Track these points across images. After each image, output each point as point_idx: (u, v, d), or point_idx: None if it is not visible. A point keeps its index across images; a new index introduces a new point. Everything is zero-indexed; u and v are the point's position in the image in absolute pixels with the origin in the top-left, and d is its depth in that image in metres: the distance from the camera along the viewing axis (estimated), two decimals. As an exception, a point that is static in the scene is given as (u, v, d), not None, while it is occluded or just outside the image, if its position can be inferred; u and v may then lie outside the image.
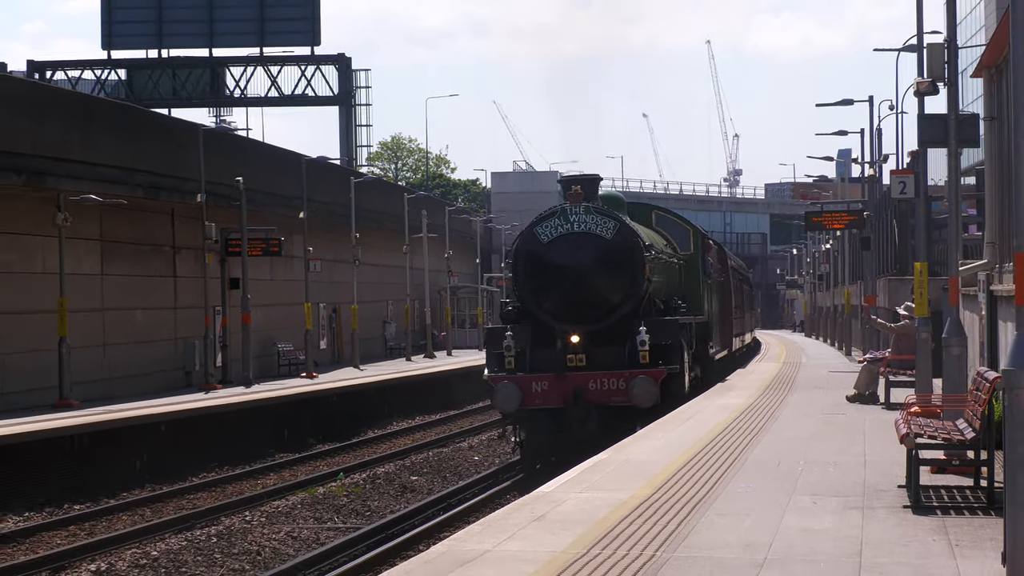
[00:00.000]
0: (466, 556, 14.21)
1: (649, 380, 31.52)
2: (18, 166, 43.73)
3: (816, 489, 19.12)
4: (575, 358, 32.35)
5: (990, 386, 16.79)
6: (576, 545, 14.64)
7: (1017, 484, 10.80)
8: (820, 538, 15.12)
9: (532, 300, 34.02)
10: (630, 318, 33.46)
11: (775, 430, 28.13)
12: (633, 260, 33.61)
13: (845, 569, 13.30)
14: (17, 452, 32.71)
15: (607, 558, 13.87)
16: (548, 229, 32.86)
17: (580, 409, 31.84)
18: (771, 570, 13.25)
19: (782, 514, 16.86)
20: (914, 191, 40.05)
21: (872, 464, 21.68)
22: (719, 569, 13.35)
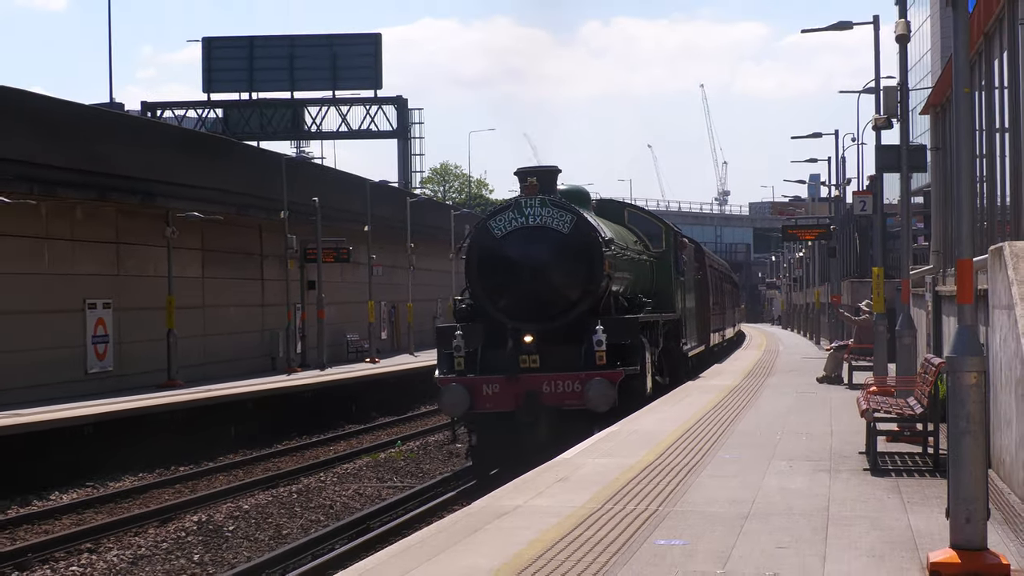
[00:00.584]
0: (502, 510, 14.22)
1: (605, 383, 25.40)
2: (135, 188, 44.03)
3: (791, 455, 19.08)
4: (528, 359, 26.24)
5: (936, 370, 16.76)
6: (592, 501, 14.64)
7: (958, 451, 10.76)
8: (794, 495, 15.10)
9: (485, 297, 27.49)
10: (588, 316, 27.06)
11: (757, 407, 28.06)
12: (591, 255, 27.20)
13: (815, 521, 13.30)
14: (136, 423, 32.85)
15: (618, 512, 13.87)
16: (502, 223, 26.78)
17: (531, 413, 25.76)
18: (754, 522, 13.25)
19: (763, 476, 16.83)
20: (872, 208, 40.11)
21: (838, 434, 21.62)
22: (711, 521, 13.34)
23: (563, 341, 26.66)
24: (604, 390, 25.00)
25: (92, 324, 43.01)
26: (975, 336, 11.17)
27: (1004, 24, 19.92)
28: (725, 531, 12.73)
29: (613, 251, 28.61)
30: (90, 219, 43.16)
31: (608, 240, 27.70)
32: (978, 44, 21.78)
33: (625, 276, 31.14)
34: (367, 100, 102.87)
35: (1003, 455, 15.50)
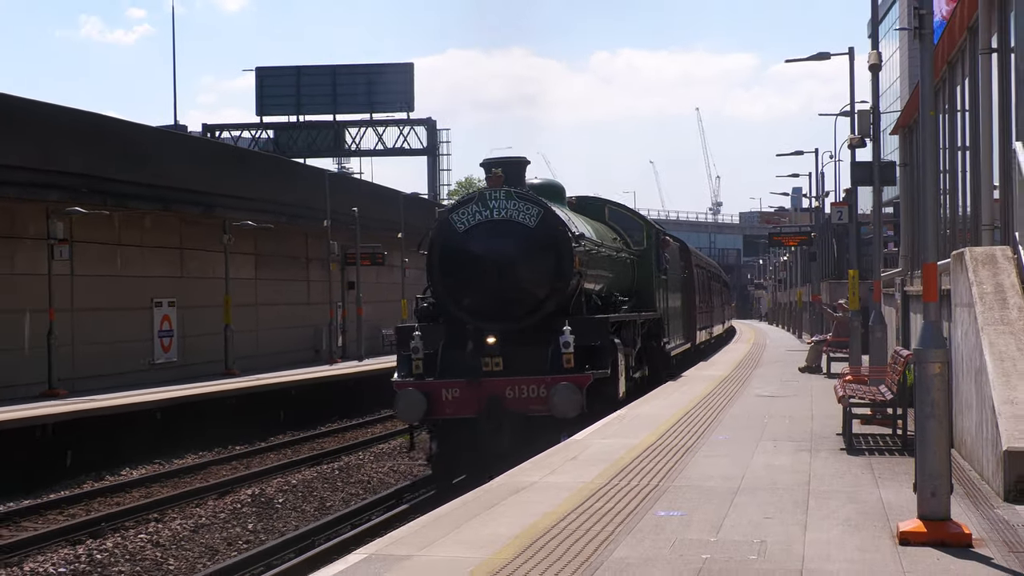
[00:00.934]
0: (520, 485, 14.19)
1: (572, 388, 21.34)
2: (197, 200, 44.43)
3: (776, 436, 19.02)
4: (491, 361, 22.32)
5: (904, 360, 16.74)
6: (600, 477, 14.61)
7: (924, 433, 10.74)
8: (779, 472, 15.06)
9: (447, 296, 23.30)
10: (556, 316, 22.74)
11: (746, 393, 27.96)
12: (559, 251, 22.85)
13: (797, 495, 13.27)
14: (197, 407, 32.92)
15: (623, 487, 13.85)
16: (465, 216, 22.65)
17: (493, 420, 21.82)
18: (743, 496, 13.22)
19: (751, 455, 16.78)
20: (848, 218, 40.00)
21: (817, 418, 21.56)
22: (706, 495, 13.31)
23: (530, 342, 22.36)
24: (570, 395, 20.89)
25: (158, 320, 43.68)
26: (939, 331, 11.16)
27: (966, 54, 19.88)
28: (718, 504, 12.72)
29: (584, 247, 24.34)
30: (157, 227, 43.47)
31: (578, 235, 23.48)
32: (942, 72, 21.74)
33: (601, 274, 26.97)
34: (400, 122, 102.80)
35: (964, 436, 15.47)
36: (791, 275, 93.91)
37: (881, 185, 32.15)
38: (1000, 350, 13.81)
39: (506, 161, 24.70)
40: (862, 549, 10.39)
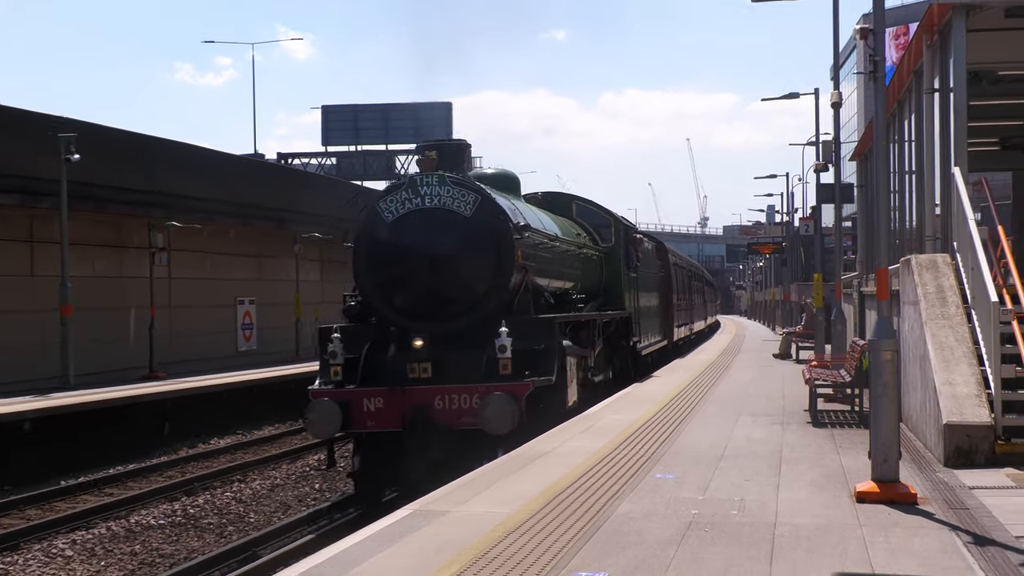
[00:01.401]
0: (541, 451, 14.19)
1: (505, 398, 16.13)
2: (271, 215, 44.62)
3: (754, 412, 19.01)
4: (418, 367, 17.18)
5: (860, 349, 16.71)
6: (608, 445, 14.61)
7: (877, 409, 10.73)
8: (757, 441, 15.06)
9: (375, 293, 18.17)
10: (497, 316, 17.38)
11: (729, 377, 27.94)
12: (499, 242, 17.76)
13: (772, 460, 13.29)
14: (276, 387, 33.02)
15: (627, 453, 13.86)
16: (394, 205, 17.76)
17: (419, 434, 16.64)
18: (726, 461, 13.22)
19: (733, 427, 16.77)
20: (813, 230, 39.91)
21: (788, 397, 21.53)
22: (695, 458, 13.32)
23: (465, 346, 17.04)
24: (502, 407, 15.59)
25: (241, 315, 44.27)
26: (890, 324, 11.15)
27: (912, 94, 19.83)
28: (705, 468, 12.71)
29: (532, 239, 19.15)
30: (239, 238, 43.82)
31: (522, 226, 18.28)
32: (892, 108, 21.68)
33: (560, 270, 21.72)
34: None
35: (911, 412, 15.44)
36: (766, 278, 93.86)
37: (841, 203, 32.28)
38: (941, 340, 13.81)
39: (444, 144, 19.69)
40: (825, 506, 10.40)
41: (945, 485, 11.41)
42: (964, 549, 8.63)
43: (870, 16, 11.99)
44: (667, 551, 8.60)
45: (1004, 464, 12.30)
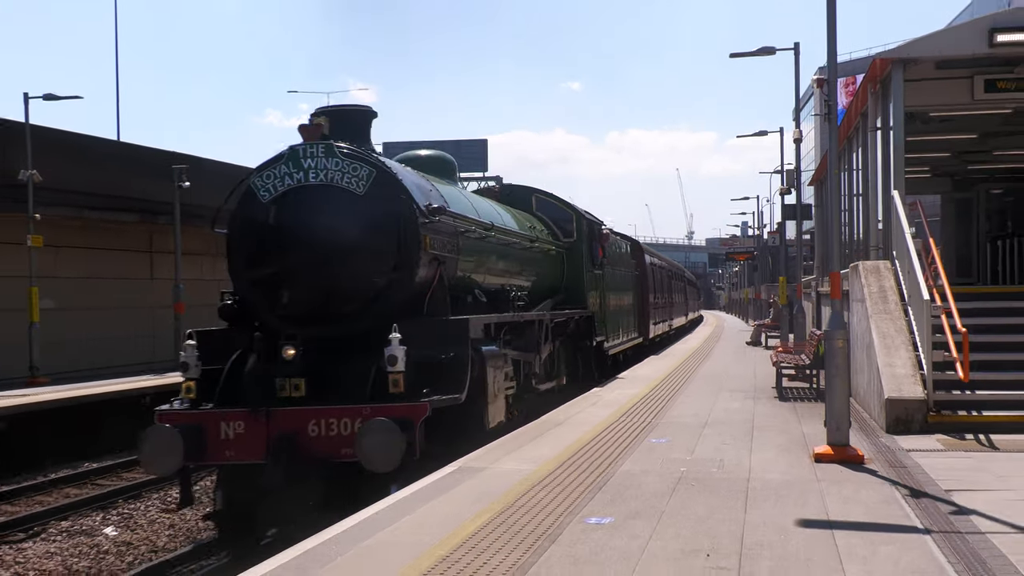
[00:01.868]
0: (557, 421, 14.16)
1: (387, 426, 10.08)
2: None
3: (731, 388, 18.96)
4: (289, 384, 11.00)
5: (817, 337, 16.70)
6: (611, 416, 14.60)
7: (831, 386, 10.77)
8: (733, 412, 15.02)
9: (250, 290, 12.10)
10: (403, 317, 11.19)
11: (711, 359, 27.88)
12: (399, 226, 11.83)
13: (746, 427, 13.26)
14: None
15: (627, 423, 13.84)
16: (272, 181, 11.90)
17: (283, 469, 10.44)
18: (708, 428, 13.19)
19: (714, 401, 16.74)
20: (779, 241, 39.79)
21: (759, 376, 21.46)
22: (683, 426, 13.29)
23: (356, 356, 11.43)
24: (383, 437, 10.27)
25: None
26: (841, 318, 11.17)
27: (859, 131, 19.79)
28: (691, 434, 12.71)
29: (449, 225, 13.06)
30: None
31: (433, 208, 12.40)
32: (843, 143, 21.64)
33: (503, 267, 15.67)
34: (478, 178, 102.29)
35: (859, 389, 15.41)
36: (740, 280, 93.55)
37: (802, 219, 32.22)
38: (883, 331, 13.80)
39: (341, 109, 13.00)
40: (790, 465, 10.40)
41: (887, 448, 11.41)
42: (902, 500, 8.65)
43: (825, 68, 12.00)
44: (661, 501, 8.64)
45: (935, 431, 12.30)
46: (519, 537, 7.44)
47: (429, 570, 6.62)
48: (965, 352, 12.23)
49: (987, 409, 12.75)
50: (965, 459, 10.72)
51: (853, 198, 21.50)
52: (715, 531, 7.56)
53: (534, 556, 6.91)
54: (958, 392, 12.87)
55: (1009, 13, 16.89)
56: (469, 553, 7.02)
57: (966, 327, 12.52)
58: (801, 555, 6.90)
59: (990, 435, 12.02)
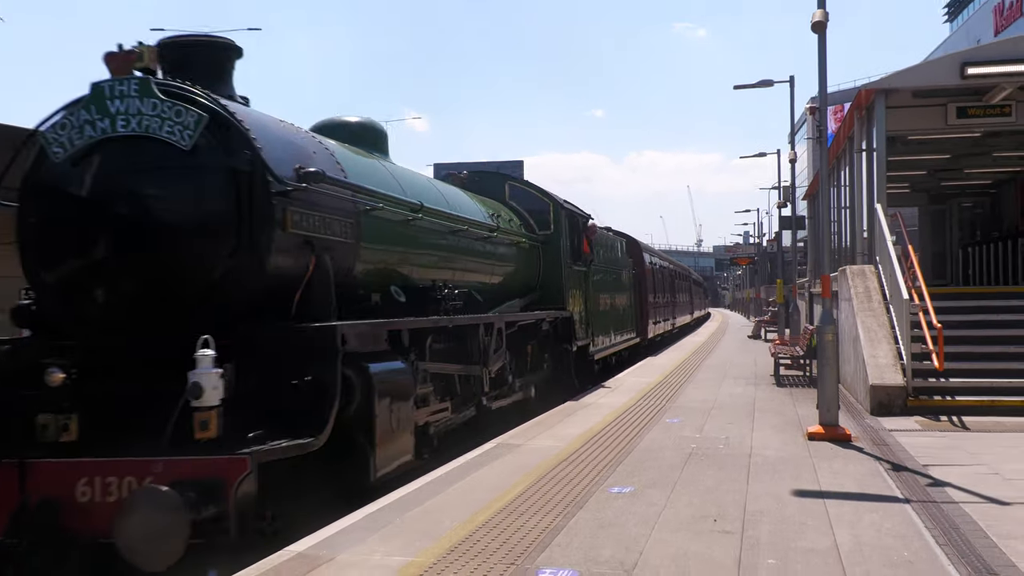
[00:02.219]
0: (583, 406, 14.07)
1: (156, 500, 4.92)
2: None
3: (735, 376, 18.81)
4: (55, 424, 5.61)
5: (810, 332, 16.52)
6: (631, 400, 14.52)
7: (823, 374, 10.67)
8: (737, 396, 14.89)
9: (40, 284, 6.48)
10: (242, 321, 6.10)
11: (717, 351, 27.69)
12: (239, 193, 6.23)
13: (747, 410, 13.13)
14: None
15: (644, 405, 13.77)
16: (67, 133, 5.88)
17: (39, 545, 5.10)
18: (715, 410, 13.09)
19: (719, 386, 16.61)
20: (777, 248, 39.55)
21: (759, 365, 21.29)
22: (693, 410, 13.19)
23: (173, 382, 5.92)
24: (146, 519, 5.15)
25: None
26: (831, 314, 11.06)
27: (846, 153, 19.63)
28: (700, 415, 12.63)
29: (336, 199, 7.91)
30: None
31: (308, 172, 7.19)
32: (832, 162, 21.46)
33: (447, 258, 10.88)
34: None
35: (846, 376, 15.26)
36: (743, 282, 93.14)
37: (796, 229, 31.94)
38: (868, 326, 13.67)
39: (185, 41, 7.63)
40: (785, 442, 10.31)
41: (871, 428, 11.28)
42: (885, 474, 8.55)
43: (816, 98, 11.90)
44: (675, 473, 8.58)
45: (913, 413, 12.18)
46: (552, 503, 7.42)
47: (475, 530, 6.61)
48: (940, 344, 12.12)
49: (959, 395, 12.58)
50: (940, 438, 10.59)
51: (841, 211, 21.33)
52: (721, 500, 7.50)
53: (565, 520, 6.89)
54: (934, 380, 12.72)
55: (978, 49, 16.70)
56: (509, 516, 7.01)
57: (941, 323, 12.39)
58: (796, 521, 6.83)
59: (962, 417, 11.87)
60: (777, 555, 6.02)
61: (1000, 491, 7.79)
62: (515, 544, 6.29)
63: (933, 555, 6.03)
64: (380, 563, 5.87)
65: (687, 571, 5.70)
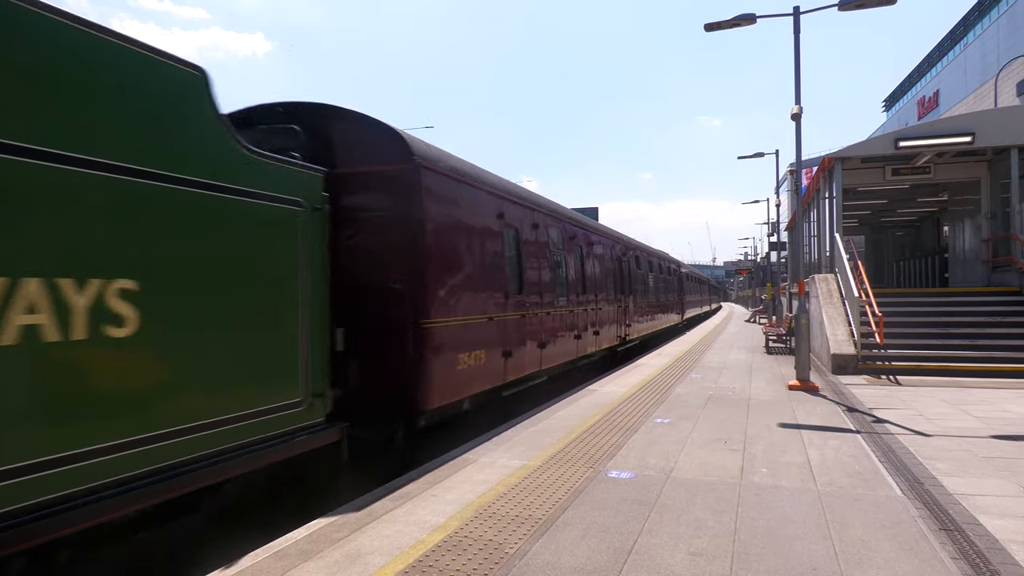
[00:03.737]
0: (592, 391, 13.79)
1: None
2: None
3: (739, 347, 18.09)
4: None
5: (790, 318, 15.88)
6: (669, 362, 14.16)
7: (799, 346, 10.17)
8: (740, 361, 14.30)
9: None
10: None
11: (726, 331, 26.83)
12: None
13: (747, 369, 12.61)
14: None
15: (678, 365, 13.40)
16: None
17: None
18: (725, 370, 12.61)
19: (728, 353, 16.02)
20: (767, 263, 38.09)
21: (755, 339, 20.47)
22: (710, 369, 12.73)
23: None
24: None
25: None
26: (805, 306, 10.57)
27: (815, 199, 18.79)
28: (715, 373, 12.23)
29: None
30: None
31: None
32: (805, 205, 20.58)
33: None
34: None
35: (815, 348, 14.54)
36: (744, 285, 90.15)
37: (780, 251, 30.67)
38: (830, 314, 13.03)
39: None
40: (774, 391, 9.89)
41: (832, 383, 10.73)
42: (842, 413, 8.13)
43: (794, 163, 11.43)
44: (697, 411, 8.34)
45: (862, 373, 11.54)
46: (618, 428, 7.31)
47: (567, 445, 6.56)
48: (880, 327, 11.50)
49: (895, 361, 11.88)
50: (881, 390, 10.00)
51: (811, 238, 20.42)
52: (729, 428, 7.26)
53: (624, 439, 6.78)
54: (876, 351, 12.04)
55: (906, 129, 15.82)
56: (589, 436, 6.93)
57: (881, 312, 11.72)
58: (781, 443, 6.55)
59: (896, 377, 11.20)
60: (768, 466, 5.79)
61: (924, 427, 7.31)
62: (593, 454, 6.22)
63: (876, 468, 5.71)
64: (506, 464, 5.90)
65: (707, 473, 5.54)
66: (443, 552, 4.08)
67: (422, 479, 5.46)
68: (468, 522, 4.51)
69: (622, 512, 4.70)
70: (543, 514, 4.66)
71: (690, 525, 4.50)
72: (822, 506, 4.85)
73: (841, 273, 14.11)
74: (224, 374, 3.01)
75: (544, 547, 4.16)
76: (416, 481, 5.37)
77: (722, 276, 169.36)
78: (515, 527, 4.43)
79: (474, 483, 5.32)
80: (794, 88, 10.66)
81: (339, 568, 3.86)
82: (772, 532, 4.40)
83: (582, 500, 4.93)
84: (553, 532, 4.37)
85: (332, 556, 4.00)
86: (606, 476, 5.50)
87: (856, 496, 5.04)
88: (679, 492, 5.11)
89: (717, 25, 10.80)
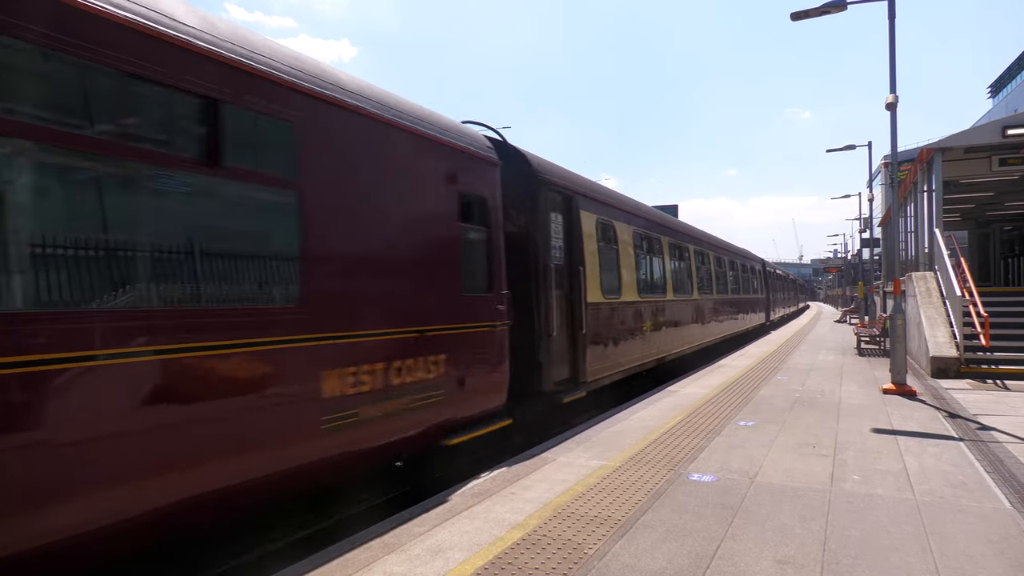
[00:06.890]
0: (673, 391, 13.49)
1: None
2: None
3: (827, 348, 17.36)
4: None
5: (884, 318, 15.09)
6: (754, 363, 13.73)
7: (894, 348, 9.66)
8: (829, 363, 13.74)
9: None
10: None
11: (814, 332, 25.76)
12: None
13: (837, 371, 12.09)
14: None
15: (763, 366, 12.97)
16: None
17: None
18: (814, 372, 12.14)
19: (816, 355, 15.39)
20: (859, 260, 36.35)
21: (845, 340, 19.59)
22: (797, 371, 12.27)
23: None
24: None
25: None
26: (901, 306, 10.03)
27: (912, 193, 17.80)
28: (803, 374, 11.77)
29: None
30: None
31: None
32: (901, 200, 19.51)
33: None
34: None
35: (911, 351, 13.77)
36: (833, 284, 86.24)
37: (873, 247, 29.16)
38: (929, 315, 12.29)
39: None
40: (866, 395, 9.42)
41: (931, 387, 10.12)
42: (943, 419, 7.65)
43: (888, 155, 10.84)
44: (784, 414, 8.04)
45: (965, 377, 10.83)
46: (699, 430, 7.14)
47: (647, 446, 6.47)
48: (986, 328, 10.76)
49: (1001, 364, 11.09)
50: (986, 395, 9.36)
51: (908, 234, 19.32)
52: (818, 433, 6.96)
53: (707, 441, 6.61)
54: (981, 353, 11.27)
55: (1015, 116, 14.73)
56: (669, 438, 6.81)
57: (987, 312, 10.96)
58: (874, 450, 6.23)
59: (1004, 381, 10.46)
60: (861, 472, 5.51)
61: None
62: (673, 456, 6.10)
63: (982, 479, 5.33)
64: (584, 464, 5.87)
65: (794, 479, 5.33)
66: (522, 550, 4.11)
67: (500, 477, 5.52)
68: (547, 521, 4.53)
69: (704, 516, 4.60)
70: (622, 515, 4.62)
71: (776, 531, 4.34)
72: (921, 517, 4.58)
73: (941, 271, 13.28)
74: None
75: (624, 549, 4.13)
76: (494, 479, 5.44)
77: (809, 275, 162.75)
78: (594, 527, 4.41)
79: (552, 482, 5.33)
80: (889, 76, 10.11)
81: (421, 562, 3.96)
82: (865, 542, 4.19)
83: (662, 502, 4.85)
84: (633, 534, 4.32)
85: (414, 549, 4.12)
86: (687, 479, 5.39)
87: (959, 507, 4.73)
88: (764, 497, 4.95)
89: (804, 14, 10.36)
